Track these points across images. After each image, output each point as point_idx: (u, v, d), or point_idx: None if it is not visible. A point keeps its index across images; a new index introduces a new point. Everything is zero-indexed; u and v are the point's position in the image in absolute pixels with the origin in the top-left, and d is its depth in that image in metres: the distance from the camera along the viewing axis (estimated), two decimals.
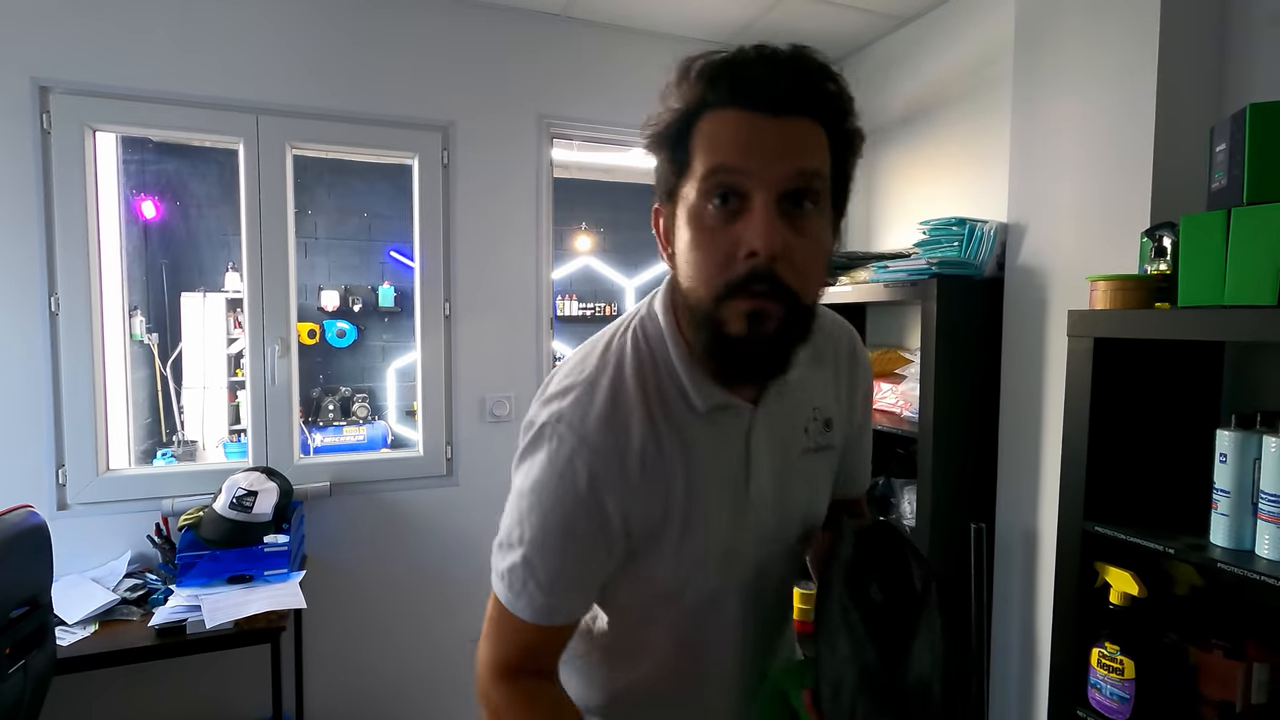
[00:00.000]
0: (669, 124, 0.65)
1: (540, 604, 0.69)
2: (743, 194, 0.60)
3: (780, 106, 0.60)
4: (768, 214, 0.59)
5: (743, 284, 0.61)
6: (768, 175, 0.59)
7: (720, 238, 0.61)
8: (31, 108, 1.83)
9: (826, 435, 0.81)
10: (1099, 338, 1.24)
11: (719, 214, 0.61)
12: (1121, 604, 1.23)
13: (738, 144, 0.60)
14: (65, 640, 1.58)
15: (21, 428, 1.87)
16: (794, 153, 0.60)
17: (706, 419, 0.71)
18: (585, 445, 0.67)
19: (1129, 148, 1.42)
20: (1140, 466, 1.29)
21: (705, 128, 0.62)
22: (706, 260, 0.62)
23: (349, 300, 5.43)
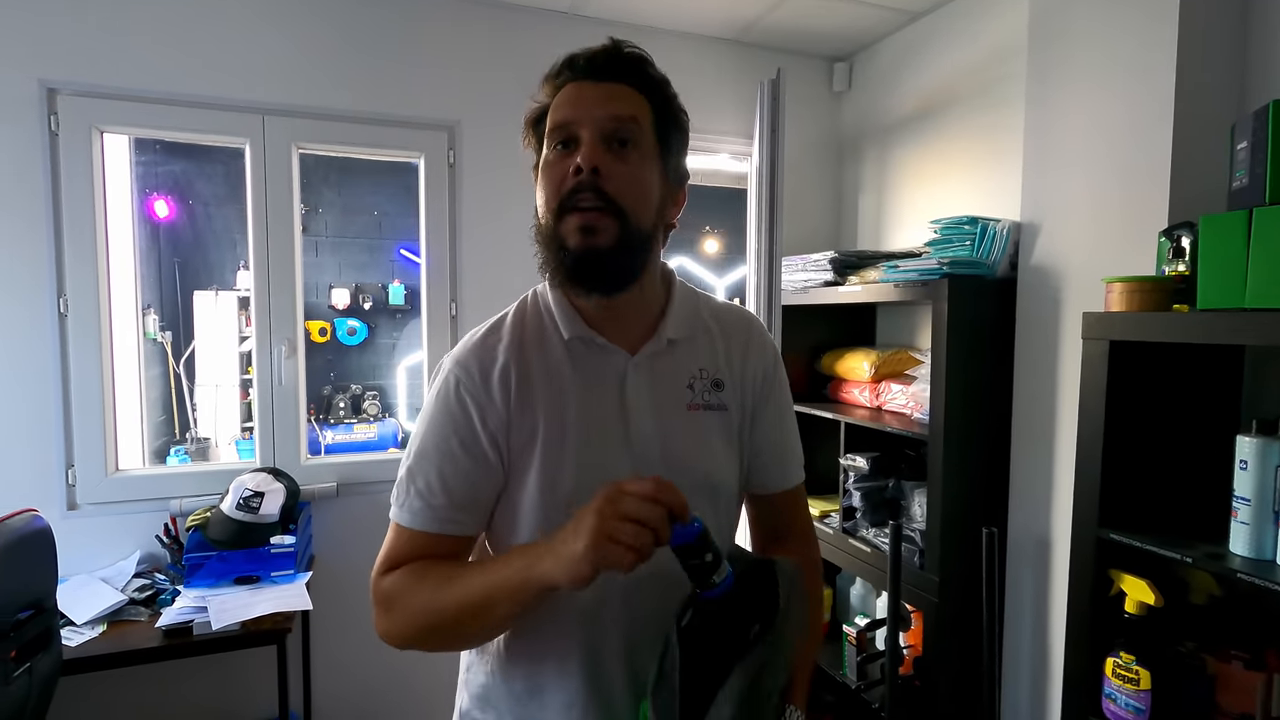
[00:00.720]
0: (534, 112, 0.81)
1: (419, 508, 0.76)
2: (576, 138, 0.75)
3: (600, 73, 0.77)
4: (590, 142, 0.74)
5: (571, 195, 0.74)
6: (590, 117, 0.75)
7: (557, 168, 0.76)
8: (39, 110, 1.83)
9: (716, 394, 0.86)
10: (1115, 340, 1.21)
11: (558, 154, 0.76)
12: (1137, 613, 1.20)
13: (569, 102, 0.77)
14: (73, 640, 1.59)
15: (32, 428, 1.88)
16: (610, 102, 0.76)
17: (577, 353, 0.81)
18: (457, 365, 0.80)
19: (1146, 145, 1.39)
20: (1156, 473, 1.26)
21: (554, 103, 0.78)
22: (547, 186, 0.77)
23: (359, 298, 5.44)
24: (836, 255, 2.08)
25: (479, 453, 0.77)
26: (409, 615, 0.75)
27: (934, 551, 1.71)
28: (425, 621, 0.74)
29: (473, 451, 0.77)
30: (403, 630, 0.76)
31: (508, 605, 0.71)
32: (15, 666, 1.21)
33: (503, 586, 0.70)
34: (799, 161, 2.55)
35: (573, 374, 0.81)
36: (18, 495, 1.84)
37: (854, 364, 2.18)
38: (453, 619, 0.73)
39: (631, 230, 0.75)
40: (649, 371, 0.82)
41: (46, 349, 1.88)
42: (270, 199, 2.07)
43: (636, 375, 0.82)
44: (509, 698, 0.82)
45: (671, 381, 0.84)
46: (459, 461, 0.77)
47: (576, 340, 0.81)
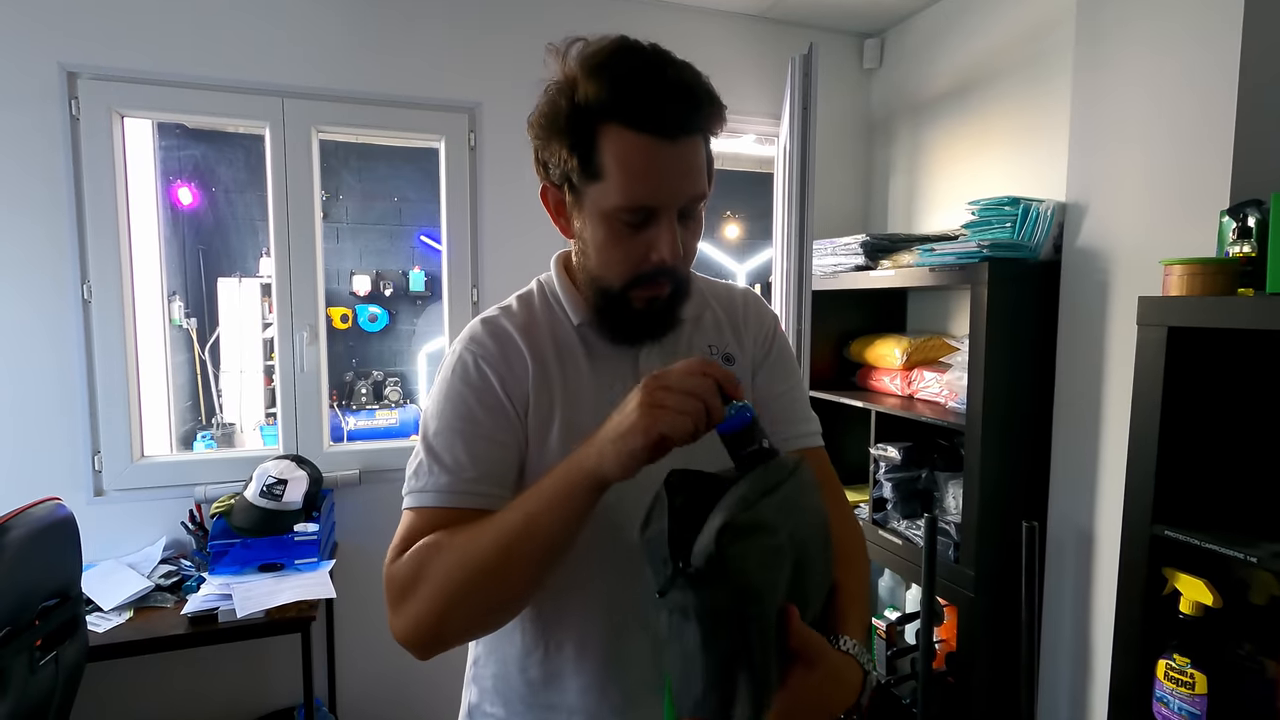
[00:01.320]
0: (568, 118, 0.71)
1: (446, 484, 0.72)
2: (651, 210, 0.71)
3: (679, 131, 0.69)
4: (672, 231, 0.71)
5: (649, 279, 0.74)
6: (673, 200, 0.71)
7: (632, 244, 0.73)
8: (60, 94, 1.82)
9: (728, 368, 0.82)
10: (1173, 327, 1.14)
11: (632, 229, 0.72)
12: (1193, 614, 1.14)
13: (649, 176, 0.69)
14: (101, 627, 1.59)
15: (58, 415, 1.89)
16: (691, 177, 0.72)
17: (589, 339, 0.81)
18: (472, 342, 0.79)
19: (1207, 117, 1.30)
20: (1215, 467, 1.19)
21: (614, 145, 0.69)
22: (620, 261, 0.74)
23: (380, 285, 5.45)
24: (868, 238, 2.01)
25: (505, 420, 0.75)
26: (437, 585, 0.66)
27: (969, 545, 1.66)
28: (460, 582, 0.65)
29: (499, 418, 0.75)
30: (430, 607, 0.66)
31: (555, 524, 0.64)
32: (42, 655, 1.21)
33: (547, 501, 0.64)
34: (827, 142, 2.47)
35: (587, 358, 0.80)
36: (45, 481, 1.85)
37: (884, 351, 2.12)
38: (493, 567, 0.64)
39: (686, 283, 0.79)
40: (661, 353, 0.82)
41: (71, 336, 1.88)
42: (291, 184, 2.04)
43: (649, 357, 0.81)
44: (524, 687, 0.80)
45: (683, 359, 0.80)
46: (487, 428, 0.74)
47: (587, 326, 0.81)
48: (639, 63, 0.70)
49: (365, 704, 2.23)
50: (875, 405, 1.99)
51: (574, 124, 0.70)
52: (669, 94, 0.69)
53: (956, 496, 1.78)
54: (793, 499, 0.62)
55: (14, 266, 1.82)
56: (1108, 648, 1.36)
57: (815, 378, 2.24)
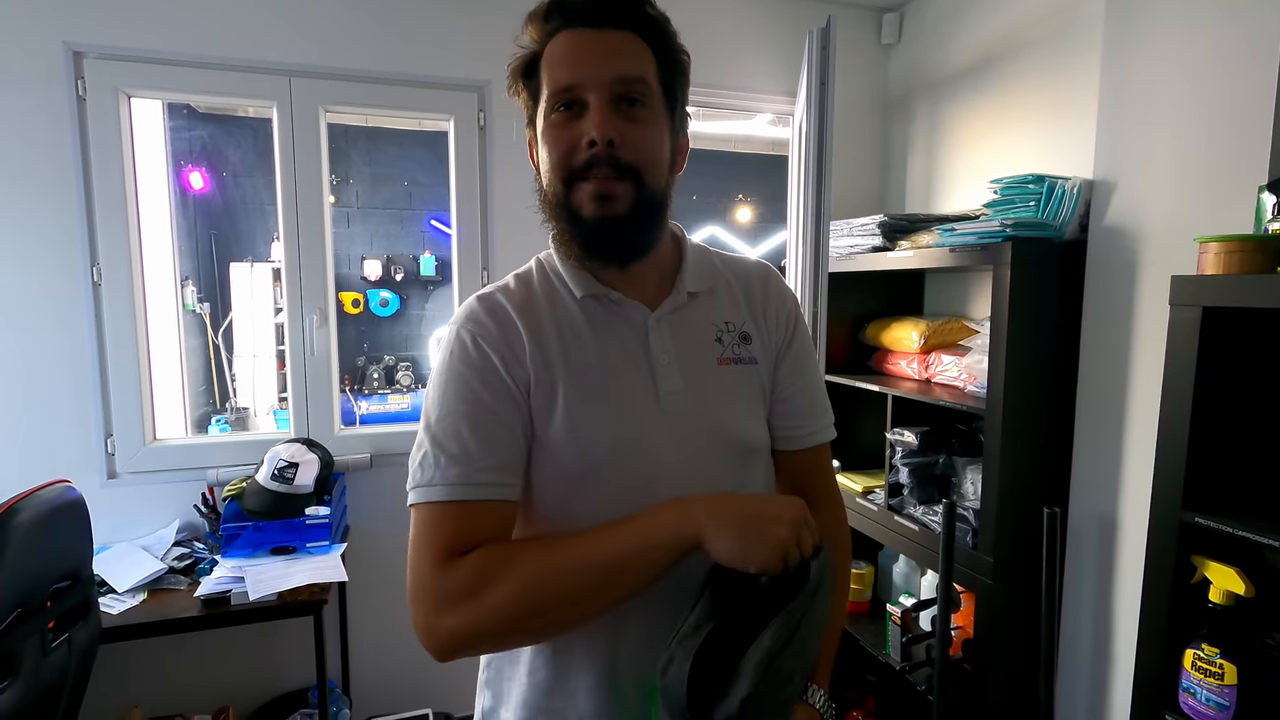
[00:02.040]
0: (522, 60, 0.75)
1: (457, 475, 0.68)
2: (582, 101, 0.70)
3: (600, 19, 0.70)
4: (601, 109, 0.69)
5: (585, 167, 0.70)
6: (596, 78, 0.69)
7: (564, 133, 0.70)
8: (66, 74, 1.80)
9: (745, 348, 0.82)
10: (1208, 307, 1.10)
11: (563, 117, 0.71)
12: (1224, 603, 1.10)
13: (570, 59, 0.70)
14: (115, 609, 1.60)
15: (70, 398, 1.89)
16: (616, 57, 0.70)
17: (593, 312, 0.77)
18: (469, 321, 0.75)
19: (1244, 90, 1.25)
20: (1248, 452, 1.15)
21: (547, 55, 0.72)
22: (555, 153, 0.71)
23: (391, 269, 5.44)
24: (886, 219, 1.96)
25: (510, 401, 0.72)
26: (513, 592, 0.64)
27: (988, 531, 1.63)
28: (534, 605, 0.64)
29: (504, 400, 0.71)
30: (493, 620, 0.64)
31: (648, 570, 0.65)
32: (54, 637, 1.21)
33: (647, 545, 0.65)
34: (843, 120, 2.41)
35: (591, 333, 0.76)
36: (59, 464, 1.86)
37: (901, 334, 2.07)
38: (576, 597, 0.65)
39: (647, 193, 0.72)
40: (671, 326, 0.78)
41: (82, 319, 1.87)
42: (299, 164, 2.02)
43: (659, 330, 0.78)
44: (533, 690, 0.77)
45: (697, 335, 0.80)
46: (494, 411, 0.70)
47: (590, 299, 0.77)
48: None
49: (378, 685, 2.24)
50: (892, 389, 1.95)
51: (525, 64, 0.74)
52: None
53: (975, 482, 1.74)
54: (814, 622, 0.66)
55: (24, 249, 1.82)
56: (1131, 636, 1.33)
57: (831, 361, 2.21)
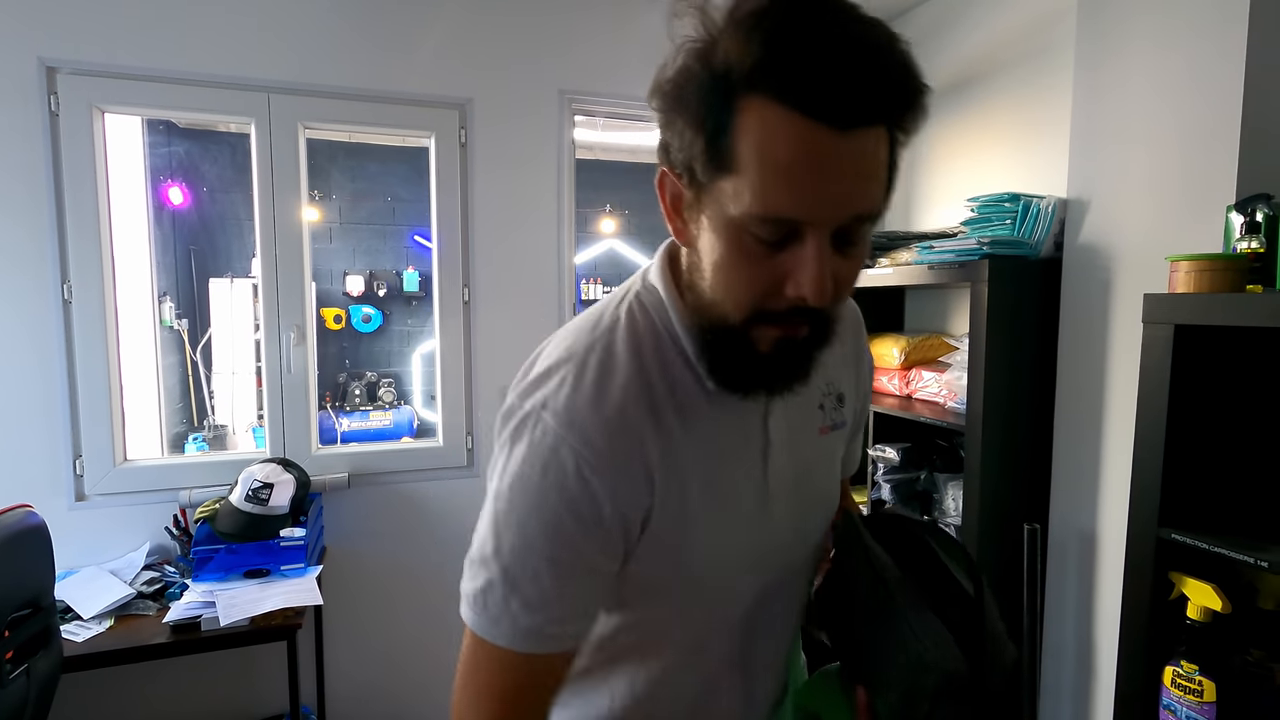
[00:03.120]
0: (700, 85, 0.51)
1: (527, 625, 0.57)
2: (797, 231, 0.51)
3: (853, 118, 0.48)
4: (821, 258, 0.51)
5: (781, 317, 0.55)
6: (827, 215, 0.51)
7: (762, 268, 0.53)
8: (39, 89, 1.78)
9: (840, 411, 0.75)
10: (1180, 324, 1.11)
11: (763, 247, 0.52)
12: (1201, 619, 1.11)
13: (798, 176, 0.49)
14: (79, 636, 1.55)
15: (38, 418, 1.85)
16: (861, 185, 0.51)
17: (722, 402, 0.63)
18: (572, 431, 0.57)
19: (1212, 111, 1.27)
20: (1223, 468, 1.16)
21: (755, 126, 0.49)
22: (742, 287, 0.55)
23: (374, 285, 5.41)
24: None
25: (610, 543, 0.59)
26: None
27: (969, 547, 1.62)
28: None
29: (605, 546, 0.59)
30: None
31: None
32: (12, 668, 1.17)
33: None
34: None
35: (717, 427, 0.63)
36: (25, 486, 1.81)
37: (882, 350, 2.08)
38: None
39: (830, 322, 0.59)
40: (784, 405, 0.67)
41: (51, 337, 1.83)
42: (277, 181, 2.00)
43: (778, 408, 0.67)
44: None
45: (807, 405, 0.71)
46: (586, 558, 0.58)
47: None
48: (807, 16, 0.48)
49: (355, 710, 2.19)
50: (873, 405, 1.95)
51: (707, 93, 0.50)
52: (845, 60, 0.47)
53: (956, 498, 1.75)
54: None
55: None
56: (1112, 653, 1.33)
57: None
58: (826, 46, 0.47)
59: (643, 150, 6.17)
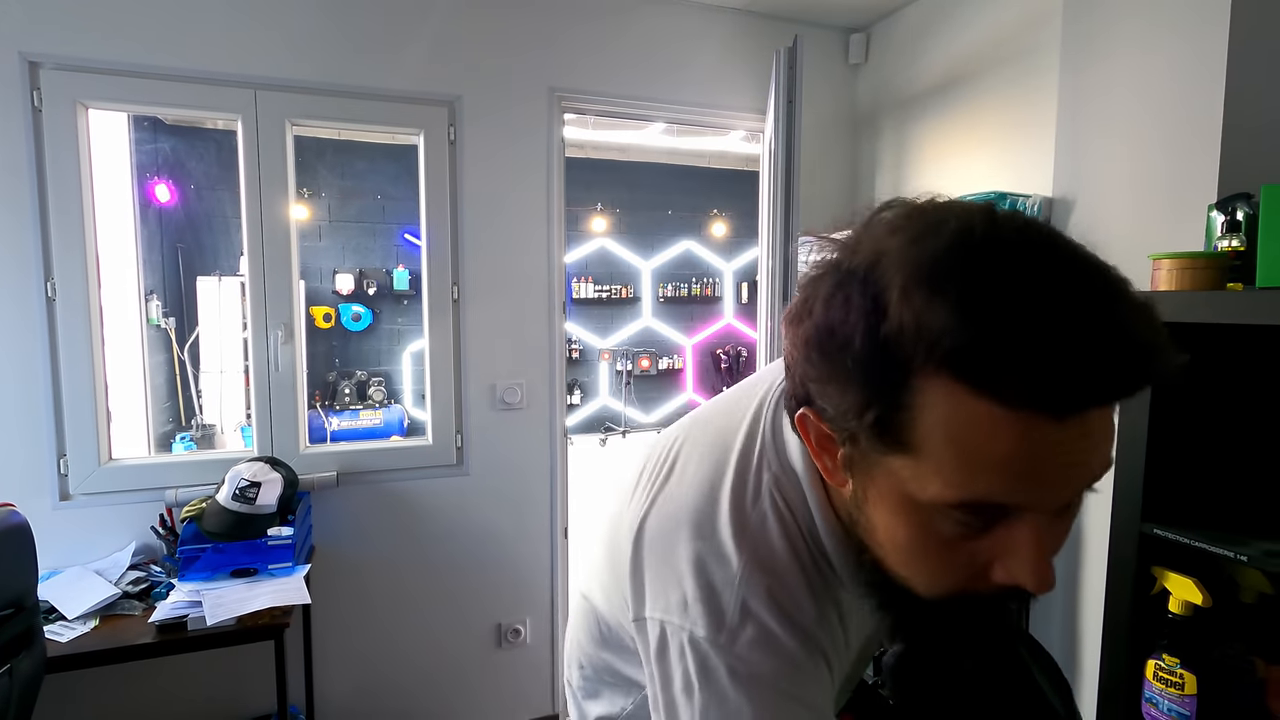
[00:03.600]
0: (866, 354, 0.40)
1: None
2: (1007, 516, 0.42)
3: (1080, 406, 0.38)
4: (1042, 545, 0.42)
5: (985, 600, 0.46)
6: (1052, 499, 0.42)
7: (962, 552, 0.44)
8: (21, 85, 1.75)
9: None
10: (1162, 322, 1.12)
11: (965, 530, 0.43)
12: (1183, 613, 1.12)
13: (1011, 470, 0.39)
14: (64, 636, 1.54)
15: (21, 417, 1.83)
16: (1089, 469, 0.41)
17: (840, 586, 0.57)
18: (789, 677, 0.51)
19: (1194, 112, 1.29)
20: (1205, 464, 1.18)
21: (943, 410, 0.39)
22: (937, 573, 0.46)
23: (364, 283, 5.39)
24: None
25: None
26: None
27: None
28: None
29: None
30: None
31: None
32: None
33: None
34: (812, 139, 2.45)
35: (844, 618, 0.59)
36: (9, 485, 1.79)
37: None
38: None
39: None
40: None
41: (34, 335, 1.81)
42: (264, 179, 1.99)
43: None
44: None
45: None
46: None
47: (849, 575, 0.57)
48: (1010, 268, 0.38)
49: (344, 710, 2.18)
50: None
51: (873, 365, 0.40)
52: (1067, 339, 0.37)
53: None
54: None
55: None
56: (1096, 647, 1.34)
57: None
58: (1039, 321, 0.36)
59: (633, 149, 6.17)
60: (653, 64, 2.28)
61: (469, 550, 2.24)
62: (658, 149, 6.22)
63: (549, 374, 2.31)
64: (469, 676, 2.27)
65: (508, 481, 2.28)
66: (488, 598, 2.27)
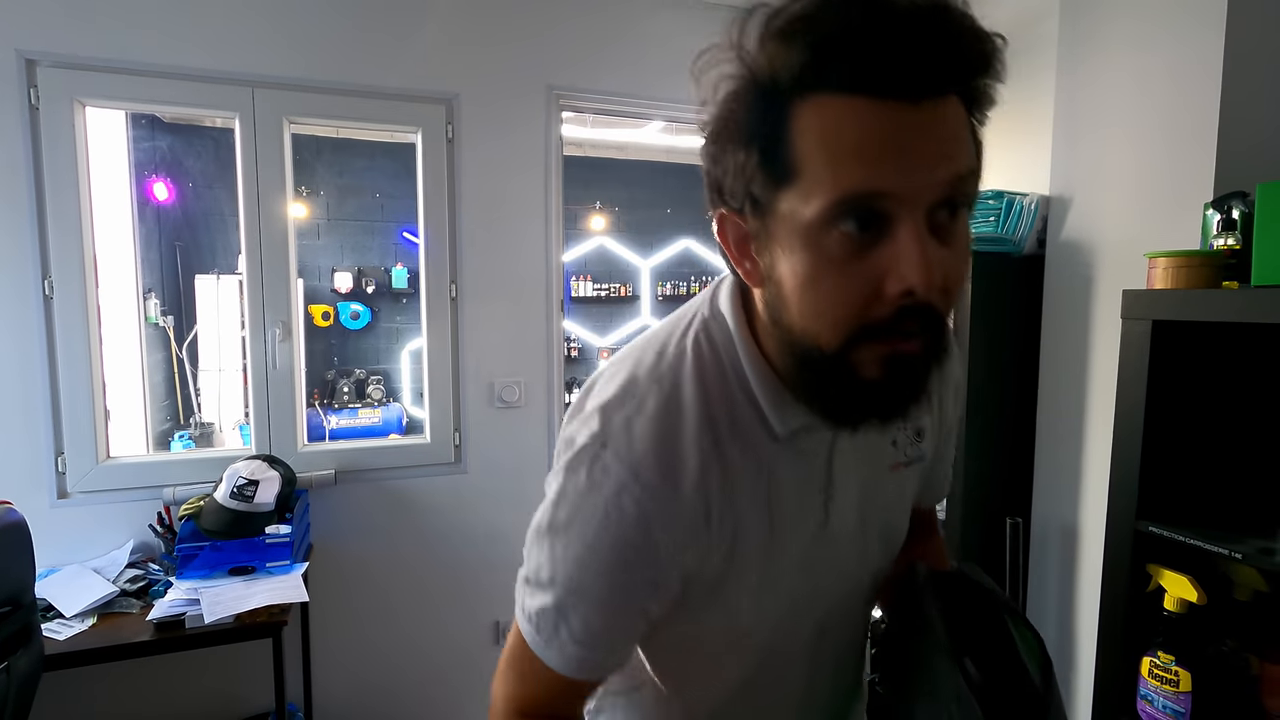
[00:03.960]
0: (747, 107, 0.47)
1: (572, 655, 0.58)
2: (885, 217, 0.45)
3: (924, 87, 0.43)
4: (921, 240, 0.45)
5: (889, 326, 0.47)
6: (918, 191, 0.45)
7: (853, 272, 0.46)
8: (18, 82, 1.75)
9: (917, 447, 0.69)
10: (1158, 320, 1.13)
11: (851, 244, 0.46)
12: (1177, 610, 1.12)
13: (876, 153, 0.44)
14: (62, 634, 1.54)
15: (18, 414, 1.83)
16: (947, 153, 0.45)
17: (786, 444, 0.59)
18: (636, 480, 0.54)
19: (1191, 111, 1.29)
20: (1200, 462, 1.18)
21: (815, 122, 0.45)
22: (837, 300, 0.48)
23: (362, 282, 5.38)
24: None
25: (666, 593, 0.58)
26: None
27: (952, 540, 1.64)
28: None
29: (656, 591, 0.58)
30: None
31: None
32: None
33: None
34: None
35: (783, 473, 0.60)
36: (6, 483, 1.80)
37: None
38: None
39: (944, 333, 0.51)
40: (853, 443, 0.63)
41: (32, 334, 1.81)
42: (262, 176, 1.99)
43: (843, 447, 0.62)
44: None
45: (877, 441, 0.66)
46: (638, 601, 0.58)
47: (773, 408, 0.58)
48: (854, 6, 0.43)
49: (343, 708, 2.19)
50: None
51: (755, 109, 0.47)
52: (899, 28, 0.43)
53: None
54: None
55: None
56: (1092, 645, 1.35)
57: None
58: (876, 21, 0.42)
59: (631, 147, 6.17)
60: (651, 62, 2.27)
61: (467, 548, 2.24)
62: (656, 147, 6.21)
63: (547, 372, 2.31)
64: (467, 673, 2.27)
65: (506, 480, 2.28)
66: (486, 595, 2.27)
